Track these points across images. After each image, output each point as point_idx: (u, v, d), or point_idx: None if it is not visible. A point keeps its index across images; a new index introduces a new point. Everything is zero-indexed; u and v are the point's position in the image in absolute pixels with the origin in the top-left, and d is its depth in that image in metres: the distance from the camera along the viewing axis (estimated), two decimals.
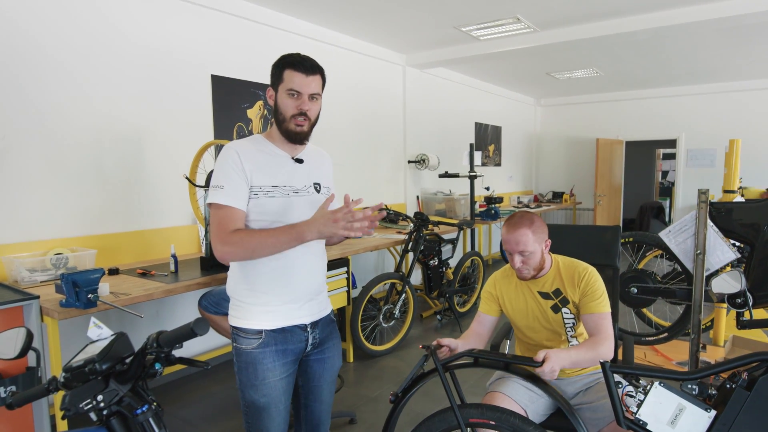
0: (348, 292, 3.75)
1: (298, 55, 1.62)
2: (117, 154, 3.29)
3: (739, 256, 2.73)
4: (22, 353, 1.27)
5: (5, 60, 2.77)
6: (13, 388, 2.06)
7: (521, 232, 1.93)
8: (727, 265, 2.81)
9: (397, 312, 4.18)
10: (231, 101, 3.97)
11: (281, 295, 1.62)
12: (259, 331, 1.61)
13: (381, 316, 4.12)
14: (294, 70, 1.59)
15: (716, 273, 2.73)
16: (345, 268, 3.69)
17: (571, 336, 2.03)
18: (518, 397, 1.92)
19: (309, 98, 1.61)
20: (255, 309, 1.62)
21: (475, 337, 2.06)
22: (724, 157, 3.74)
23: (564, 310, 2.00)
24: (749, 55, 5.94)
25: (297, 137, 1.64)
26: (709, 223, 2.70)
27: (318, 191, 1.71)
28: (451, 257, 4.99)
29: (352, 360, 3.94)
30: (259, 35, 4.15)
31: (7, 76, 2.78)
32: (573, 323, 2.00)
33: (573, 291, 1.99)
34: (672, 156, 10.88)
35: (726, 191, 3.67)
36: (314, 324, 1.70)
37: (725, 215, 2.80)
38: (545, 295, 2.02)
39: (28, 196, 2.89)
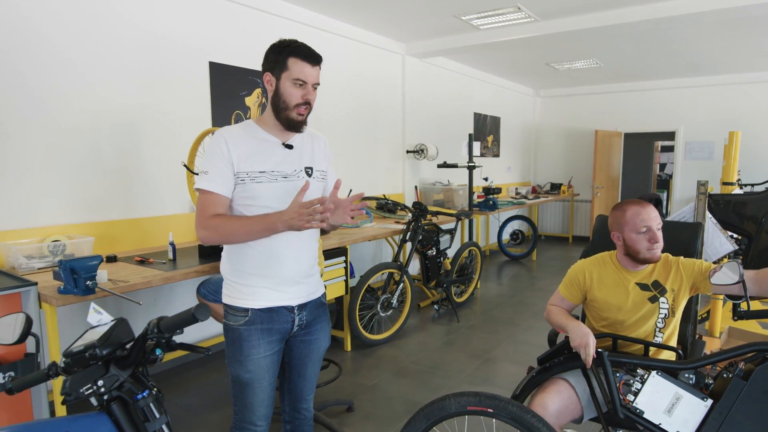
0: (346, 281, 3.75)
1: (302, 44, 1.64)
2: (115, 141, 3.26)
3: (737, 247, 2.74)
4: (22, 338, 1.27)
5: (4, 45, 2.74)
6: (12, 374, 2.06)
7: (653, 208, 1.92)
8: (725, 256, 2.83)
9: (394, 301, 4.20)
10: (229, 89, 3.94)
11: (268, 278, 1.67)
12: (246, 310, 1.66)
13: (379, 306, 4.13)
14: (301, 60, 1.60)
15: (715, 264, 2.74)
16: (343, 258, 3.69)
17: (659, 330, 1.96)
18: (579, 387, 1.89)
19: (312, 88, 1.64)
20: (243, 289, 1.67)
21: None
22: (723, 149, 3.74)
23: (662, 300, 1.95)
24: (750, 47, 5.93)
25: (297, 125, 1.67)
26: (708, 214, 2.71)
27: (310, 175, 1.73)
28: (449, 247, 5.00)
29: (349, 349, 3.96)
30: (258, 22, 4.11)
31: (6, 62, 2.75)
32: (666, 314, 1.96)
33: (673, 279, 1.96)
34: (670, 148, 10.88)
35: (725, 183, 3.68)
36: (302, 306, 1.74)
37: (724, 207, 2.81)
38: (644, 287, 1.98)
39: (26, 182, 2.88)
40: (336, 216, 1.61)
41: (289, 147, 1.70)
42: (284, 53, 1.61)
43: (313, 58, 1.62)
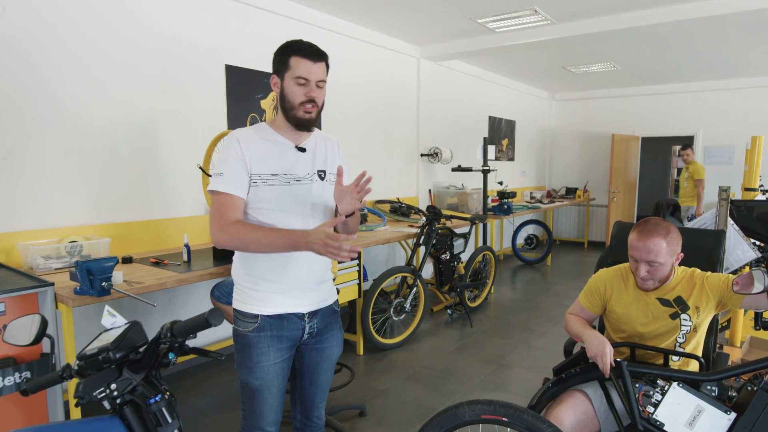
0: (359, 284, 3.74)
1: (303, 41, 1.62)
2: (131, 143, 3.29)
3: (759, 255, 2.68)
4: (37, 340, 1.27)
5: (22, 48, 2.78)
6: (28, 374, 2.08)
7: (654, 241, 1.81)
8: (746, 264, 2.76)
9: (407, 305, 4.17)
10: (245, 91, 3.96)
11: (280, 283, 1.65)
12: (256, 316, 1.64)
13: (392, 310, 4.11)
14: (301, 57, 1.58)
15: (735, 272, 2.68)
16: (356, 261, 3.68)
17: (680, 345, 1.91)
18: (596, 400, 1.83)
19: (316, 85, 1.61)
20: (254, 294, 1.65)
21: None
22: (745, 154, 3.66)
23: (683, 316, 1.88)
24: None
25: (306, 124, 1.64)
26: (730, 221, 2.65)
27: (322, 179, 1.71)
28: (463, 251, 4.96)
29: (362, 352, 3.94)
30: (273, 25, 4.13)
31: (24, 65, 2.79)
32: (687, 331, 1.89)
33: (697, 296, 1.88)
34: None
35: (747, 189, 3.60)
36: (313, 313, 1.71)
37: (746, 213, 2.75)
38: (665, 302, 1.90)
39: (44, 183, 2.91)
40: (344, 204, 1.60)
41: (302, 150, 1.68)
42: (286, 53, 1.60)
43: (314, 54, 1.60)
